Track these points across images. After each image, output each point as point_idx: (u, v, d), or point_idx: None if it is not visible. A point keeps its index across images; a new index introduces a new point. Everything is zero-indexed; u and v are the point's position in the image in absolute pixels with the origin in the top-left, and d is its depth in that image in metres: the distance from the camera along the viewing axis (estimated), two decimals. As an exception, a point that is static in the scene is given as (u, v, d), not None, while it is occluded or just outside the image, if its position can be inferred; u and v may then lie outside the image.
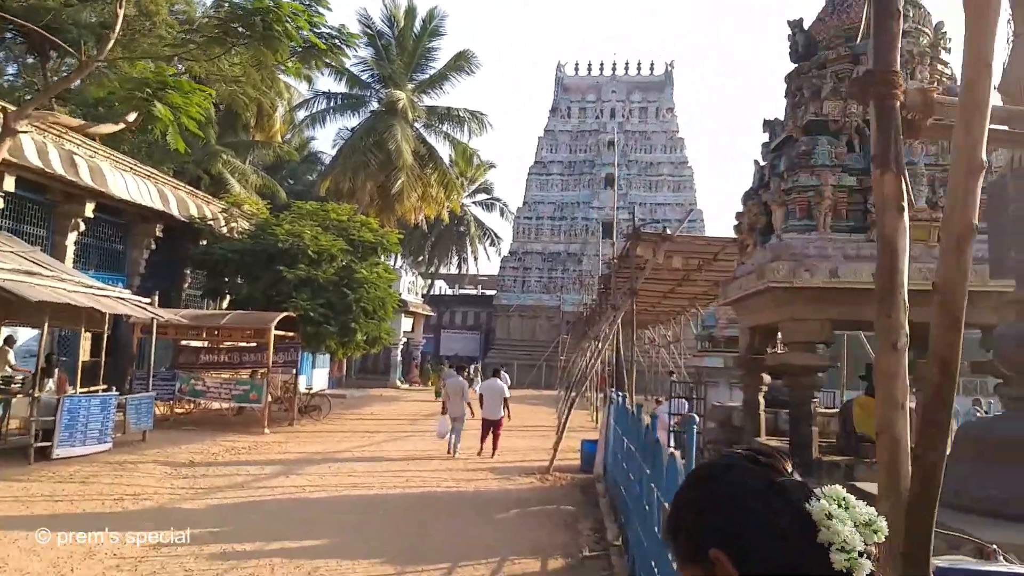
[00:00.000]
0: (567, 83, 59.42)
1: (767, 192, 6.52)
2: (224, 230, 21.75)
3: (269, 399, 17.44)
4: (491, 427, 14.39)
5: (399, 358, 38.42)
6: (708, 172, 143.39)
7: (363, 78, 31.42)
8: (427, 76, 31.62)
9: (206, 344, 19.09)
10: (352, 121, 32.44)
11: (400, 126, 28.37)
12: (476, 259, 53.47)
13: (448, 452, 14.27)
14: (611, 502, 8.73)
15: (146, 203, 18.83)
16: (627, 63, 59.05)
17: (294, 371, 19.43)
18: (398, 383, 37.72)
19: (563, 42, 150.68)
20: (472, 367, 29.07)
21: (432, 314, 44.70)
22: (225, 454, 13.41)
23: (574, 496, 10.52)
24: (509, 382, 18.85)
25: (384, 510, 9.35)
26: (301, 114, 32.77)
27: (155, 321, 14.82)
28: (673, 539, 1.10)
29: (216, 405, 18.05)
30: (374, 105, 31.32)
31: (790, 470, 1.07)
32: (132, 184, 18.54)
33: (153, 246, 19.96)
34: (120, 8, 10.43)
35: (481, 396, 14.74)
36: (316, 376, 30.35)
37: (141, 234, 19.74)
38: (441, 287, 60.61)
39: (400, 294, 22.34)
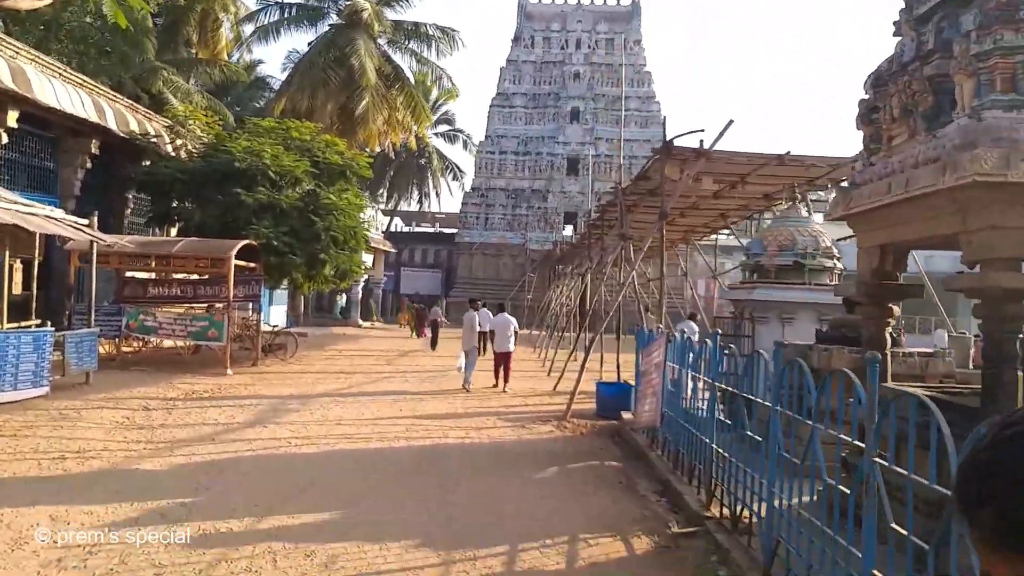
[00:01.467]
0: (531, 10, 56.77)
1: (931, 64, 4.93)
2: (170, 149, 19.27)
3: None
4: (503, 360, 14.36)
5: (359, 295, 36.43)
6: (676, 108, 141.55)
7: (319, -14, 28.30)
8: (392, -15, 28.70)
9: (154, 276, 16.97)
10: (307, 37, 29.46)
11: (363, 41, 25.68)
12: (439, 194, 51.09)
13: (463, 386, 14.07)
14: (676, 458, 7.23)
15: (79, 114, 16.28)
16: (593, -10, 56.51)
17: (254, 306, 17.47)
18: (359, 321, 35.84)
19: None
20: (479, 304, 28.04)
21: (393, 250, 42.61)
22: (185, 400, 11.54)
23: (610, 448, 9.03)
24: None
25: (393, 469, 7.69)
26: (249, 29, 29.41)
27: (95, 246, 12.63)
28: (977, 520, 0.75)
29: (169, 343, 16.05)
30: (333, 18, 28.40)
31: None
32: (62, 92, 15.94)
33: (88, 165, 17.46)
34: None
35: (491, 331, 14.87)
36: (273, 313, 28.27)
37: (74, 150, 17.22)
38: (397, 224, 58.19)
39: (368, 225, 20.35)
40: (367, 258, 35.65)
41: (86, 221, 12.52)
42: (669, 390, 7.51)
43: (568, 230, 50.42)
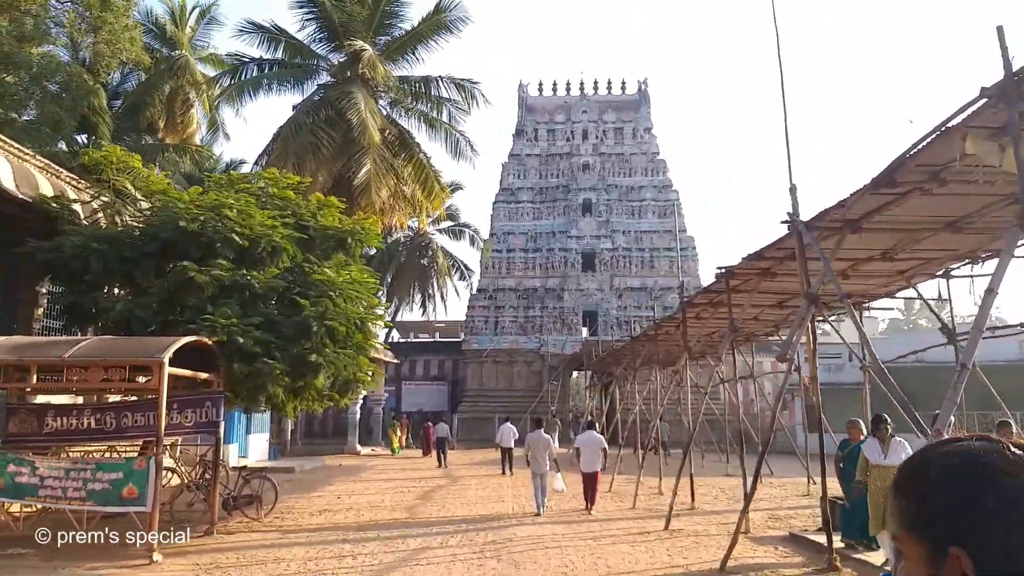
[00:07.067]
0: (532, 104, 53.49)
1: None
2: (102, 222, 13.74)
3: (177, 484, 9.58)
4: (590, 481, 13.34)
5: (357, 416, 30.25)
6: (694, 196, 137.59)
7: (306, 41, 23.03)
8: (394, 37, 23.75)
9: (74, 401, 11.22)
10: (293, 100, 24.13)
11: (362, 94, 20.67)
12: (444, 297, 45.44)
13: (536, 512, 12.97)
14: None
15: (-53, 158, 10.85)
16: (596, 82, 53.53)
17: (217, 438, 11.48)
18: (357, 447, 29.50)
19: (525, 59, 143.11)
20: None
21: (395, 361, 36.69)
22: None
23: None
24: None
25: None
26: (226, 90, 23.96)
27: None
28: (915, 530, 0.99)
29: (63, 507, 9.93)
30: (324, 78, 23.54)
31: None
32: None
33: (-32, 240, 11.92)
34: None
35: (577, 449, 13.66)
36: (252, 444, 22.03)
37: (-55, 218, 11.71)
38: (394, 337, 52.31)
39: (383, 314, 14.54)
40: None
41: None
42: None
43: (584, 332, 45.01)
